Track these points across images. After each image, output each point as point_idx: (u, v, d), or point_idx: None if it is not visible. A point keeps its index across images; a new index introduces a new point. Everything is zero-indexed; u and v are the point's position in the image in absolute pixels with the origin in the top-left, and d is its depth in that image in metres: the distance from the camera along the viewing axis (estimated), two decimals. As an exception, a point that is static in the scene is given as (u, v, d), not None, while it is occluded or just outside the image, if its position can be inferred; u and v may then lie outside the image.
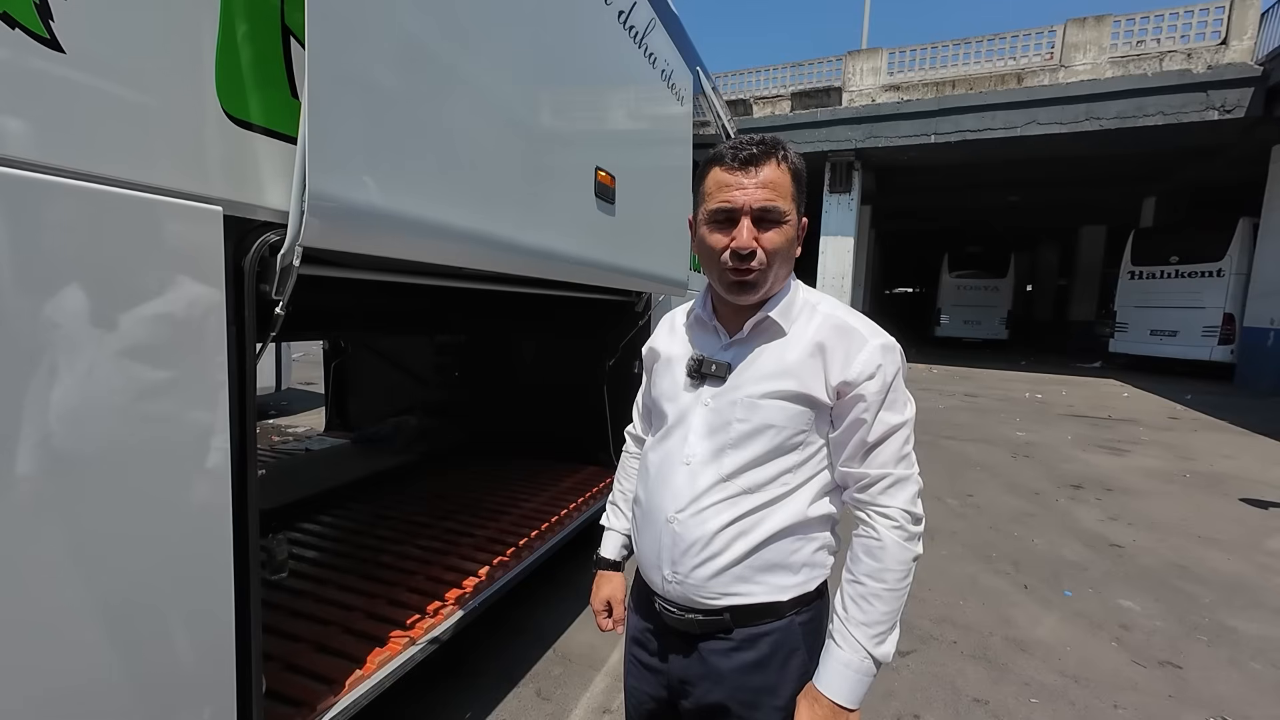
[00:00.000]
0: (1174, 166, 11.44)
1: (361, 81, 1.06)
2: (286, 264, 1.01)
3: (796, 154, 0.89)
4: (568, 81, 1.78)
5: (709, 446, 0.90)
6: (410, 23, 1.16)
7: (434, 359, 3.94)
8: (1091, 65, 9.72)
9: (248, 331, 0.99)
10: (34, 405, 0.74)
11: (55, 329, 0.76)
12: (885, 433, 0.85)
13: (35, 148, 0.73)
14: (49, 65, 0.73)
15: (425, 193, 1.20)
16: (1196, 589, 2.86)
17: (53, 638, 0.79)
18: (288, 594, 1.90)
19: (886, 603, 0.83)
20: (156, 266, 0.86)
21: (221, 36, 0.92)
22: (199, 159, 0.91)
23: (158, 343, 0.87)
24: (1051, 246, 20.57)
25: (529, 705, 1.96)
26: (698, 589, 0.89)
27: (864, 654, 0.83)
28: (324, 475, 3.12)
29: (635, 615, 1.04)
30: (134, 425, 0.84)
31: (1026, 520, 3.75)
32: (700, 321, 0.99)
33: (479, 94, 1.36)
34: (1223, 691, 2.10)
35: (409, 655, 1.56)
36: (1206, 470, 4.98)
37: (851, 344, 0.86)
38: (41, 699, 0.78)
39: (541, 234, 1.65)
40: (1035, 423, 6.78)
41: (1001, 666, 2.22)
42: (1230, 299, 10.32)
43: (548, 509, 2.69)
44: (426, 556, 2.19)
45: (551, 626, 2.40)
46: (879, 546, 0.84)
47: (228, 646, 0.99)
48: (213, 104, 0.92)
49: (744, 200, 0.84)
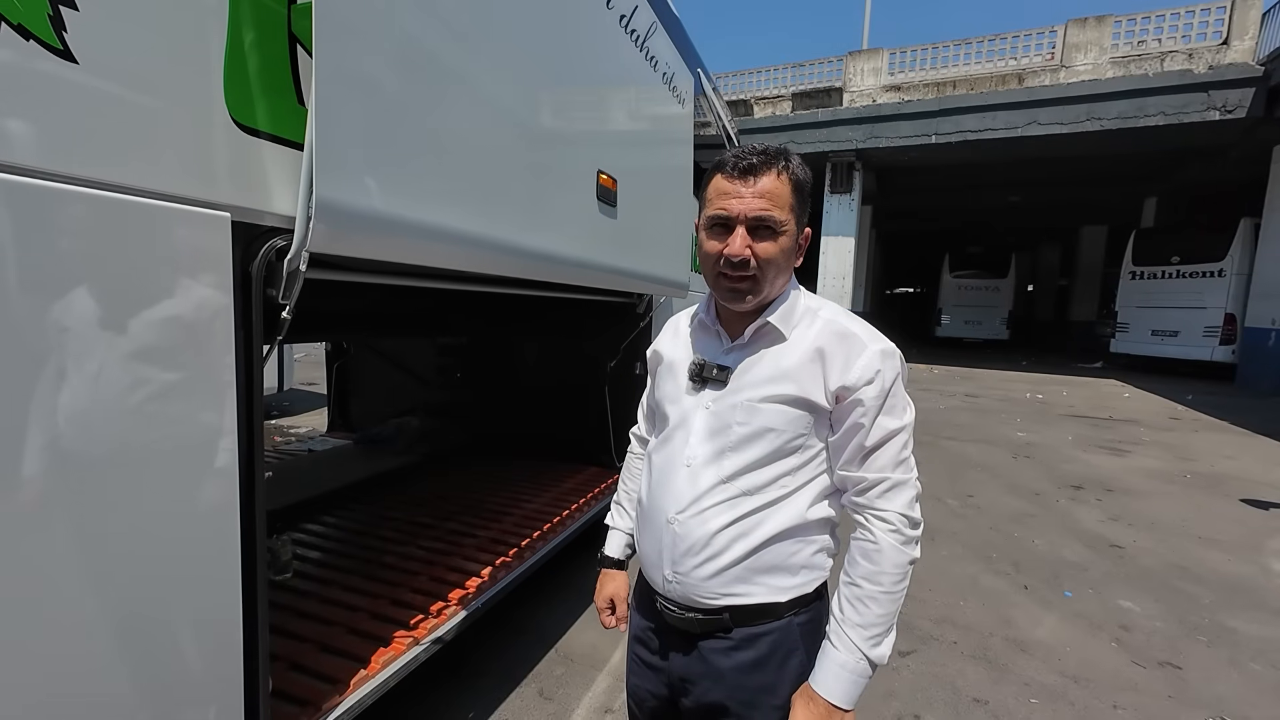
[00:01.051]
0: (1175, 167, 11.43)
1: (367, 88, 1.07)
2: (293, 269, 1.02)
3: (801, 165, 0.90)
4: (571, 85, 1.80)
5: (710, 449, 0.91)
6: (415, 30, 1.17)
7: (436, 360, 3.95)
8: (1093, 65, 9.71)
9: (255, 335, 1.01)
10: (46, 408, 0.76)
11: (67, 333, 0.77)
12: (883, 437, 0.86)
13: (50, 156, 0.74)
14: (62, 75, 0.74)
15: (430, 198, 1.22)
16: (1197, 590, 2.86)
17: (65, 638, 0.80)
18: (292, 594, 1.91)
19: (882, 605, 0.84)
20: (166, 271, 0.88)
21: (230, 45, 0.94)
22: (207, 166, 0.92)
23: (167, 346, 0.88)
24: (1052, 247, 20.56)
25: (531, 705, 1.97)
26: (697, 589, 0.90)
27: (860, 655, 0.84)
28: (327, 476, 3.13)
29: (637, 614, 1.05)
30: (144, 428, 0.86)
31: (1027, 521, 3.76)
32: (703, 325, 1.00)
33: (483, 99, 1.38)
34: (1223, 692, 2.10)
35: (413, 655, 1.57)
36: (1207, 471, 4.98)
37: (851, 349, 0.87)
38: (54, 696, 0.79)
39: (544, 237, 1.66)
40: (1036, 423, 6.79)
41: (1002, 667, 2.23)
42: (1231, 299, 10.32)
43: (550, 510, 2.70)
44: (429, 557, 2.21)
45: (554, 627, 2.41)
46: (875, 550, 0.85)
47: (235, 646, 1.00)
48: (221, 112, 0.93)
49: (739, 209, 0.86)
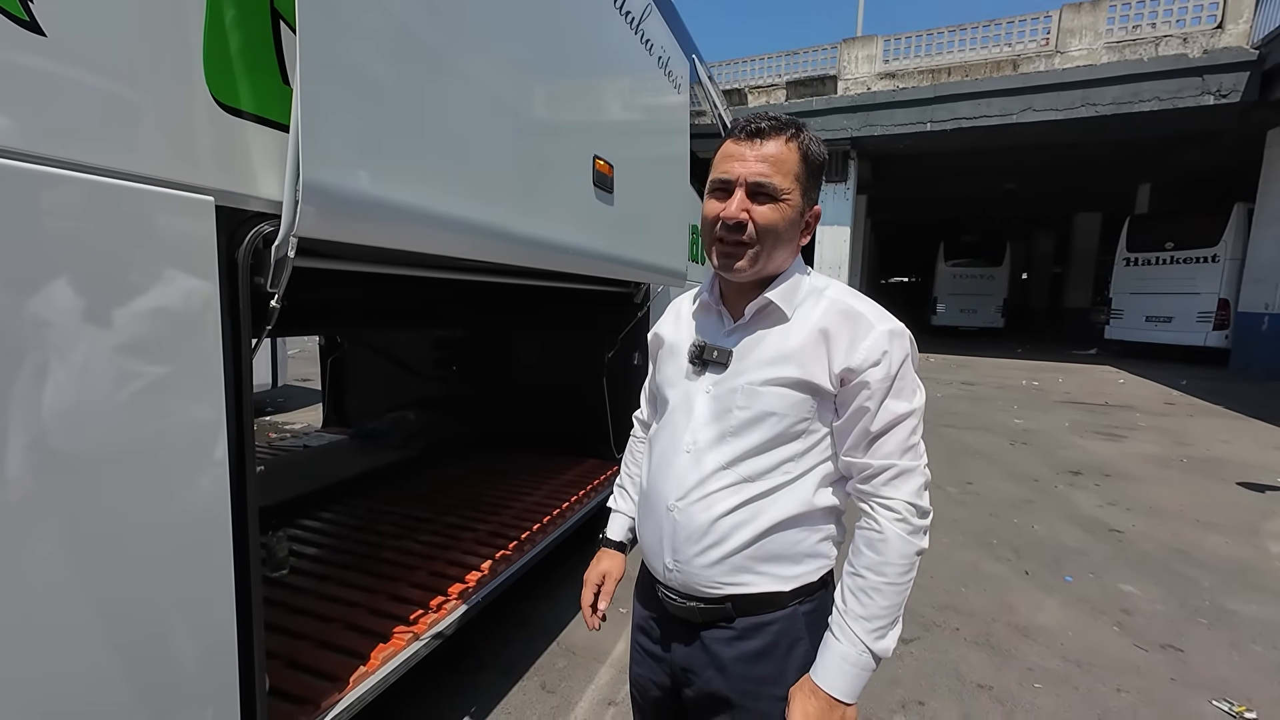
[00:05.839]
0: (1169, 152, 11.43)
1: (354, 67, 1.03)
2: (281, 255, 0.99)
3: (817, 140, 0.87)
4: (565, 68, 1.75)
5: (710, 434, 0.89)
6: (403, 7, 1.13)
7: (432, 354, 3.91)
8: (1088, 50, 9.67)
9: (243, 325, 0.97)
10: (26, 403, 0.72)
11: (45, 325, 0.74)
12: (890, 422, 0.82)
13: (17, 136, 0.70)
14: (29, 49, 0.70)
15: (421, 181, 1.18)
16: (1196, 573, 2.87)
17: (54, 638, 0.77)
18: (289, 591, 1.88)
19: (887, 597, 0.81)
20: (148, 259, 0.84)
21: (209, 20, 0.89)
22: (189, 147, 0.88)
23: (151, 338, 0.85)
24: (1047, 234, 20.59)
25: (533, 698, 1.96)
26: (698, 577, 0.88)
27: (862, 648, 0.81)
28: (323, 472, 3.10)
29: (639, 603, 1.03)
30: (130, 422, 0.82)
31: (1026, 507, 3.76)
32: (706, 305, 0.98)
33: (476, 79, 1.33)
34: (1224, 673, 2.11)
35: (413, 650, 1.55)
36: (1203, 455, 5.00)
37: (857, 329, 0.83)
38: (45, 699, 0.77)
39: (540, 224, 1.62)
40: (1033, 410, 6.80)
41: (1005, 652, 2.23)
42: (1225, 284, 10.34)
43: (549, 502, 2.68)
44: (428, 552, 2.18)
45: (555, 619, 2.40)
46: (880, 539, 0.82)
47: (229, 645, 0.98)
48: (201, 90, 0.89)
49: (740, 171, 0.84)
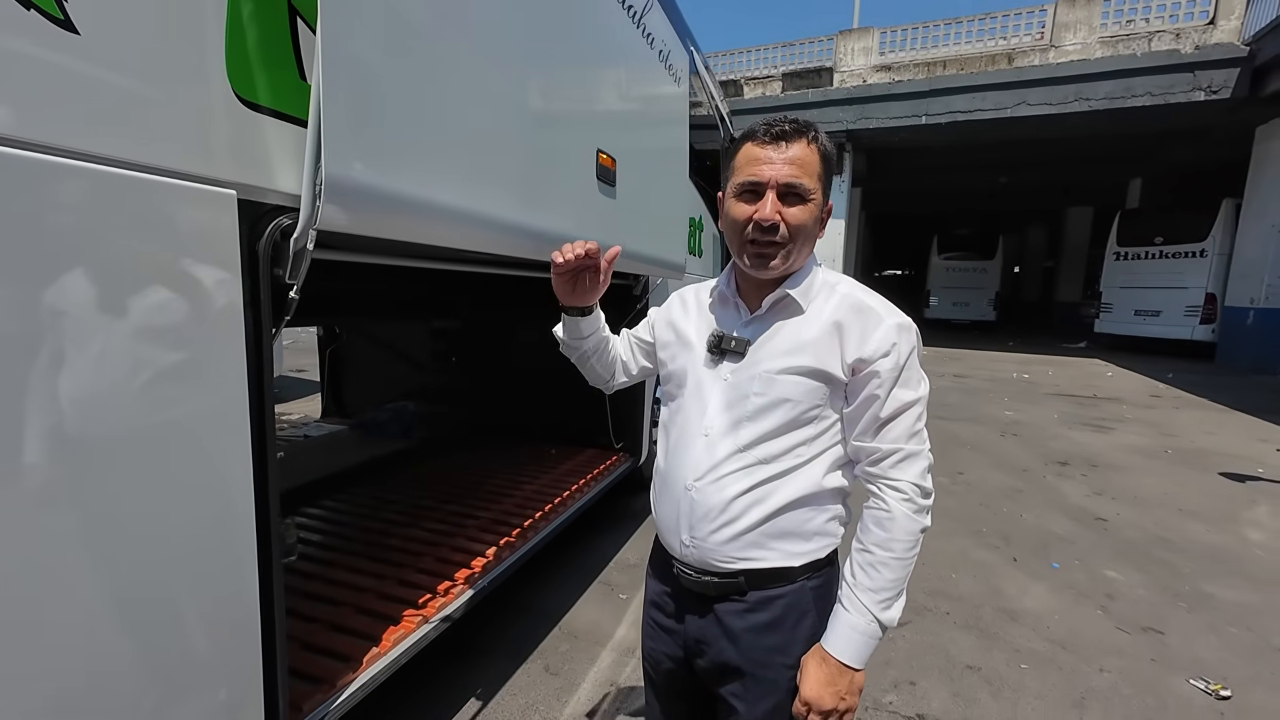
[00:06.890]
0: (1161, 148, 11.51)
1: (371, 63, 1.05)
2: (300, 248, 1.01)
3: (828, 139, 0.92)
4: (573, 62, 1.77)
5: (727, 419, 0.93)
6: (415, 8, 1.15)
7: (431, 345, 3.92)
8: (1082, 45, 9.71)
9: (264, 316, 1.00)
10: (55, 393, 0.74)
11: (72, 316, 0.76)
12: (898, 409, 0.88)
13: (51, 130, 0.72)
14: (65, 47, 0.72)
15: (436, 175, 1.20)
16: (1178, 559, 2.96)
17: (92, 616, 0.80)
18: (299, 576, 1.92)
19: (893, 570, 0.87)
20: (172, 251, 0.86)
21: (230, 17, 0.91)
22: (211, 142, 0.90)
23: (175, 328, 0.87)
24: (1039, 228, 20.72)
25: (537, 680, 2.01)
26: (714, 553, 0.93)
27: (870, 618, 0.87)
28: (325, 461, 3.13)
29: (654, 580, 1.08)
30: (155, 410, 0.85)
31: (1015, 496, 3.84)
32: (723, 297, 1.02)
33: (489, 75, 1.36)
34: (1202, 655, 2.19)
35: (423, 633, 1.59)
36: (1188, 446, 5.11)
37: (868, 322, 0.88)
38: (84, 680, 0.80)
39: (547, 216, 1.65)
40: (1023, 402, 6.90)
41: (993, 635, 2.30)
42: (1212, 279, 10.47)
43: (550, 491, 2.72)
44: (433, 539, 2.22)
45: (557, 604, 2.44)
46: (888, 518, 0.88)
47: (253, 625, 1.01)
48: (224, 86, 0.91)
49: (770, 174, 0.88)
